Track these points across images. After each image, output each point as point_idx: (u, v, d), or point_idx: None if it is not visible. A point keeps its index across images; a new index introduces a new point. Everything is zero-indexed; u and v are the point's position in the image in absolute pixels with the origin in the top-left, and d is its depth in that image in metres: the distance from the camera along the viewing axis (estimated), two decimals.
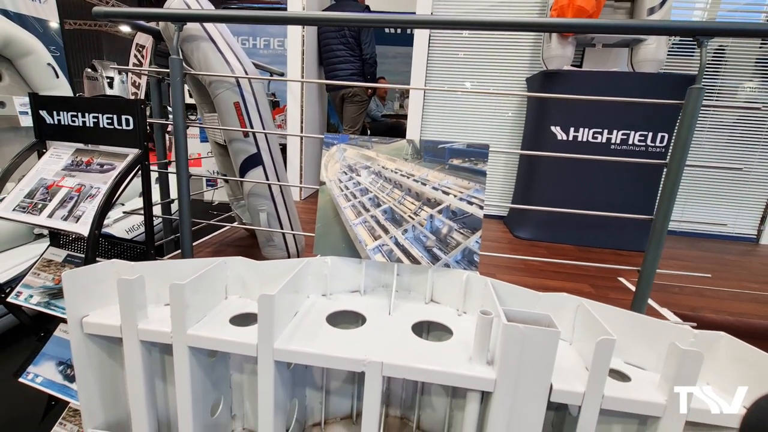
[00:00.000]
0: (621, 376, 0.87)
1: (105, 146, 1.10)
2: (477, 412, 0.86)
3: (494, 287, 1.00)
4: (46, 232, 3.69)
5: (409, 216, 1.10)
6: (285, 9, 3.25)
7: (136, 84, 8.40)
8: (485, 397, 0.86)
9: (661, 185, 1.15)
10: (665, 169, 1.16)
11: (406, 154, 1.13)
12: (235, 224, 1.74)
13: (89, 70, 8.28)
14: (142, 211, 1.14)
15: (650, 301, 1.46)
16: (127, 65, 8.69)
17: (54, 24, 5.10)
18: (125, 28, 13.62)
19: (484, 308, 0.85)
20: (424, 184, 1.11)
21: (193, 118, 4.11)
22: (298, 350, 0.86)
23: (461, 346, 0.93)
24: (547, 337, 0.75)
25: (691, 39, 1.08)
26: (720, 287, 1.67)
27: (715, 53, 2.80)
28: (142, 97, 7.98)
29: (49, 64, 4.42)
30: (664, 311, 1.33)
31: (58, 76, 4.54)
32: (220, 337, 0.89)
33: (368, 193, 1.13)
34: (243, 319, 1.00)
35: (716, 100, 2.78)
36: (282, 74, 2.61)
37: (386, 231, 1.11)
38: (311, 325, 0.98)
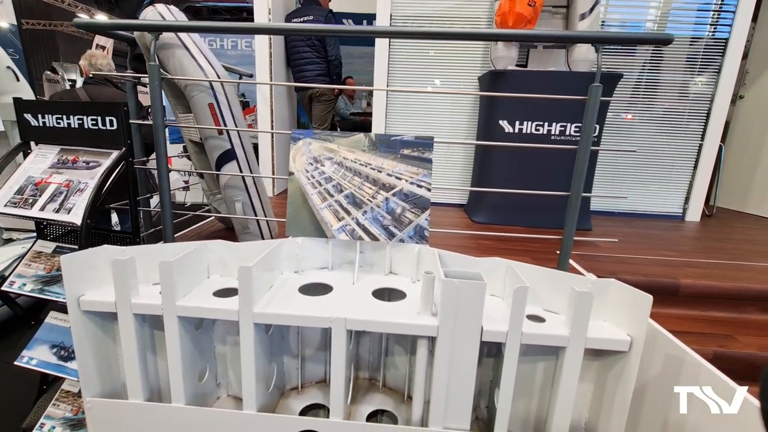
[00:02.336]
0: (539, 320, 1.06)
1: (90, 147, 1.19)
2: (426, 356, 1.03)
3: (440, 256, 1.17)
4: (14, 236, 3.61)
5: (368, 199, 1.26)
6: (248, 7, 3.30)
7: None
8: (432, 342, 1.02)
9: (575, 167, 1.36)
10: (578, 154, 1.37)
11: (364, 146, 1.28)
12: (213, 214, 1.84)
13: (49, 72, 7.93)
14: (127, 205, 1.24)
15: (579, 267, 1.69)
16: None
17: (4, 24, 4.88)
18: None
19: (428, 270, 1.02)
20: (380, 172, 1.26)
21: None
22: (274, 312, 1.00)
23: (413, 305, 1.09)
24: (476, 288, 0.93)
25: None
26: (640, 255, 1.93)
27: (654, 51, 3.08)
28: None
29: (8, 67, 4.29)
30: (589, 275, 1.54)
31: (18, 79, 4.41)
32: (205, 306, 1.01)
33: (332, 180, 1.27)
34: (224, 293, 1.13)
35: (660, 94, 3.04)
36: (251, 76, 2.70)
37: (348, 213, 1.26)
38: (285, 294, 1.12)
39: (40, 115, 1.20)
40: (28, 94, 4.46)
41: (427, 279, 0.99)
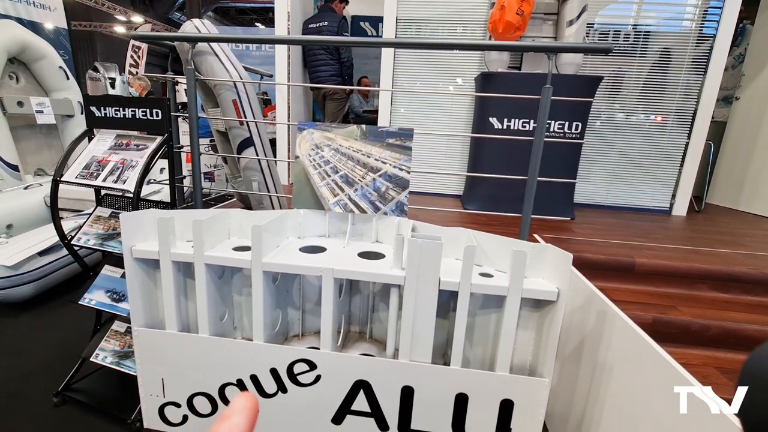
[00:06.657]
0: (490, 276, 1.28)
1: (140, 132, 1.49)
2: (397, 302, 1.27)
3: (414, 225, 1.41)
4: (61, 214, 4.00)
5: (359, 179, 1.50)
6: (273, 8, 3.55)
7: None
8: (401, 290, 1.26)
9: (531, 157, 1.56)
10: (533, 144, 1.57)
11: (356, 136, 1.52)
12: (234, 190, 2.13)
13: (92, 71, 8.50)
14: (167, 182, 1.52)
15: (540, 240, 1.89)
16: (123, 65, 8.88)
17: (49, 25, 5.32)
18: (120, 29, 13.75)
19: (399, 233, 1.26)
20: (369, 157, 1.50)
21: None
22: (278, 262, 1.25)
23: (389, 263, 1.33)
24: (434, 246, 1.15)
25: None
26: (610, 240, 2.10)
27: (662, 52, 3.19)
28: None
29: (60, 67, 4.72)
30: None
31: (68, 78, 4.85)
32: (225, 256, 1.28)
33: (330, 163, 1.52)
34: (241, 250, 1.39)
35: (654, 93, 3.13)
36: (271, 76, 2.98)
37: (342, 190, 1.50)
38: (289, 252, 1.37)
39: (102, 108, 1.49)
40: (76, 91, 4.88)
41: (398, 239, 1.22)
